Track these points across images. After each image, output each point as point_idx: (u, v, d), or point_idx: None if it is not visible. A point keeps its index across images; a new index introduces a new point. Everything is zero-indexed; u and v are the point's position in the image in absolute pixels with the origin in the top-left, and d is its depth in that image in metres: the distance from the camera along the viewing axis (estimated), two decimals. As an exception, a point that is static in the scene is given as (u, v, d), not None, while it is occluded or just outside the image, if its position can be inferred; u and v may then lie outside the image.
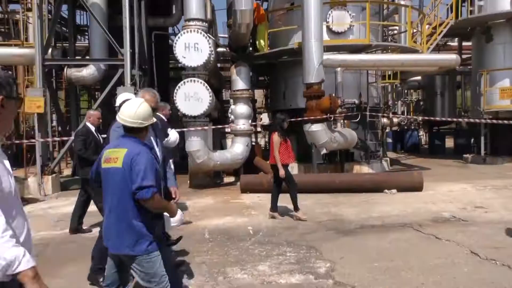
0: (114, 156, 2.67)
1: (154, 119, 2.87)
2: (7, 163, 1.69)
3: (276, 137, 6.51)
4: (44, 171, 9.63)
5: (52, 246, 5.53)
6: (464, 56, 16.40)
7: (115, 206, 2.67)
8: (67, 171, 11.56)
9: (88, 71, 10.65)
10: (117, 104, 4.44)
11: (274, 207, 6.72)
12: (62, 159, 11.12)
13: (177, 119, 9.78)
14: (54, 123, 13.91)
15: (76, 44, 13.79)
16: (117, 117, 2.82)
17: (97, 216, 5.62)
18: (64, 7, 12.77)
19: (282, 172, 6.42)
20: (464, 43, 17.22)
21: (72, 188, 9.94)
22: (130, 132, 2.74)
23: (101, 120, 6.19)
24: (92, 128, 5.97)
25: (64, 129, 11.97)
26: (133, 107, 2.72)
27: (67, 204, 8.33)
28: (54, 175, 9.86)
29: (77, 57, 12.55)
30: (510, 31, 13.38)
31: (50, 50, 10.83)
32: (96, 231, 5.59)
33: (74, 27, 12.76)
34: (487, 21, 13.56)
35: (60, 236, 6.05)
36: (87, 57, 11.74)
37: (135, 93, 3.37)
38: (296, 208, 6.61)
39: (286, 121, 6.64)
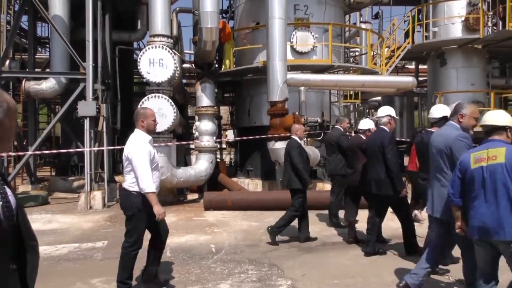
0: (491, 155, 3.09)
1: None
2: None
3: None
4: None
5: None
6: (420, 79, 17.21)
7: (502, 197, 3.00)
8: (23, 188, 11.07)
9: (48, 84, 10.37)
10: (380, 115, 5.37)
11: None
12: (17, 174, 10.65)
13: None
14: (10, 137, 13.35)
15: (36, 56, 13.42)
16: (482, 122, 3.26)
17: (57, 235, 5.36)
18: (24, 18, 12.45)
19: None
20: (420, 66, 18.07)
21: (28, 205, 9.54)
22: (495, 135, 3.18)
23: (306, 132, 6.53)
24: (299, 141, 6.35)
25: (20, 144, 11.50)
26: (497, 113, 3.24)
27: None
28: (7, 191, 9.42)
29: (36, 70, 12.19)
30: (462, 56, 14.19)
31: (7, 62, 10.50)
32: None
33: (34, 39, 12.42)
34: (441, 46, 14.33)
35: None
36: (47, 70, 11.43)
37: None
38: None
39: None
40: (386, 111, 5.48)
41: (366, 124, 6.49)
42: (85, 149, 9.53)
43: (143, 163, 3.83)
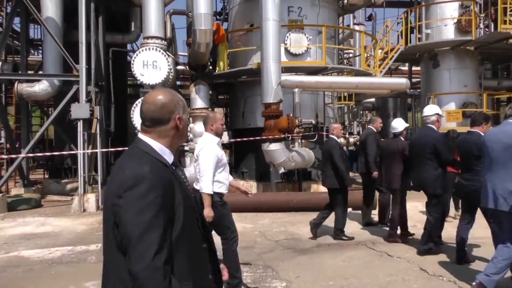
0: None
1: None
2: None
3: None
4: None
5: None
6: (414, 80, 17.30)
7: None
8: (16, 190, 10.99)
9: (41, 87, 10.30)
10: (429, 114, 5.56)
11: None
12: (10, 177, 10.56)
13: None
14: (2, 140, 13.27)
15: (29, 58, 13.33)
16: None
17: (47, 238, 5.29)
18: (17, 20, 12.38)
19: None
20: (413, 68, 18.17)
21: (21, 208, 9.47)
22: None
23: (342, 132, 6.75)
24: (339, 141, 6.53)
25: (13, 147, 11.41)
26: None
27: (14, 225, 7.91)
28: (0, 194, 9.35)
29: (29, 72, 12.11)
30: (455, 57, 14.28)
31: (0, 64, 10.42)
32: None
33: (26, 41, 12.34)
34: (434, 48, 14.42)
35: (3, 259, 5.71)
36: (40, 72, 11.36)
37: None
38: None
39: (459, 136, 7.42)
40: (434, 110, 5.56)
41: (400, 124, 6.43)
42: (78, 152, 9.48)
43: (208, 164, 4.07)
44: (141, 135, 1.65)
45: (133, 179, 1.48)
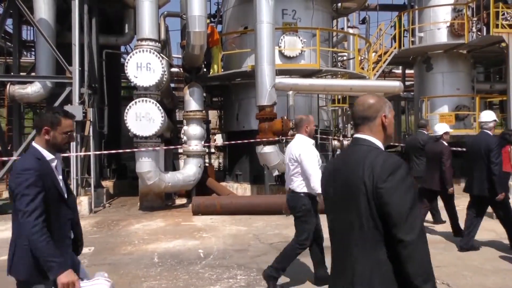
0: None
1: None
2: None
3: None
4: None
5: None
6: (407, 83, 17.39)
7: None
8: (7, 194, 10.87)
9: (33, 89, 10.22)
10: (487, 120, 5.71)
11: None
12: (1, 180, 10.46)
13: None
14: (-6, 142, 13.14)
15: (22, 60, 13.23)
16: None
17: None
18: (9, 21, 12.29)
19: None
20: (407, 71, 18.28)
21: (12, 212, 9.37)
22: None
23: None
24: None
25: (4, 149, 11.30)
26: None
27: (5, 229, 7.81)
28: (-9, 197, 9.26)
29: (21, 74, 12.01)
30: (448, 61, 14.40)
31: (-8, 66, 10.34)
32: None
33: (19, 42, 12.25)
34: (427, 51, 14.53)
35: (-5, 263, 5.63)
36: (33, 74, 11.27)
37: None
38: None
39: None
40: (493, 116, 5.74)
41: (441, 128, 6.70)
42: (71, 154, 9.41)
43: (314, 165, 4.19)
44: (358, 135, 1.90)
45: (393, 166, 1.72)
